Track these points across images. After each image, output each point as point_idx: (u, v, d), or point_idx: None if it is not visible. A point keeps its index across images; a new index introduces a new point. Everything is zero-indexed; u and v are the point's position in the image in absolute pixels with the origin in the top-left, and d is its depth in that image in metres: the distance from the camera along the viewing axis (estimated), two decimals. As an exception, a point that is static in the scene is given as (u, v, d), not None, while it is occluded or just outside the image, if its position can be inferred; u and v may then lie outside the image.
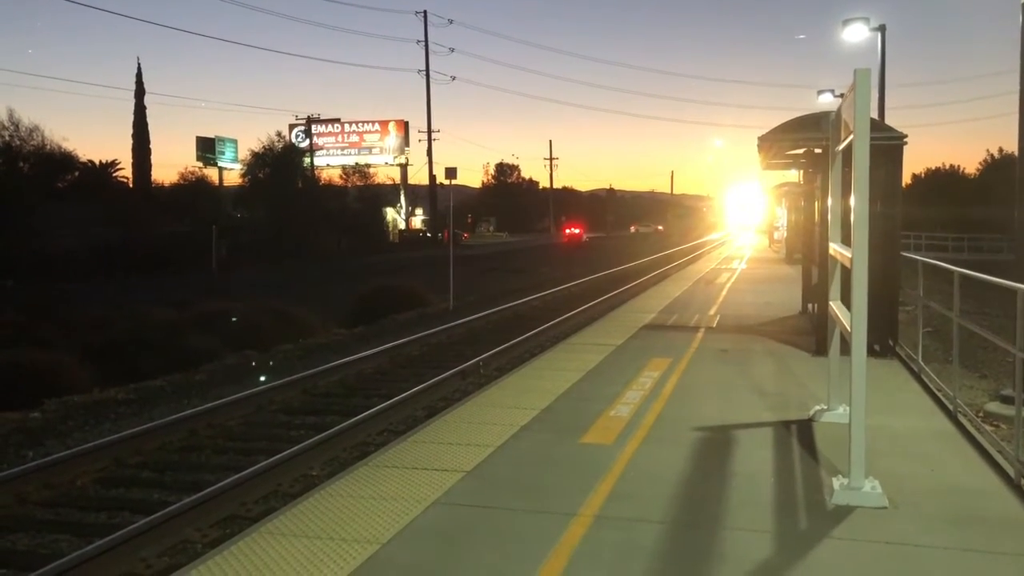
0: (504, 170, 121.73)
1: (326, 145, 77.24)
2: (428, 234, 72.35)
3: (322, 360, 14.32)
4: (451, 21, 78.93)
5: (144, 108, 65.53)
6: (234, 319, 18.83)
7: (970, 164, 74.37)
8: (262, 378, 13.17)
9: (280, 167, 59.15)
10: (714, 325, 13.80)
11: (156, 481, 8.12)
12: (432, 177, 72.13)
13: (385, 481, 5.73)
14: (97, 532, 6.64)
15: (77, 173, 53.00)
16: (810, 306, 13.55)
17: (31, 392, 11.68)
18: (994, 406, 10.22)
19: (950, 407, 7.56)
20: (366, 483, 5.71)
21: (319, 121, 76.02)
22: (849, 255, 5.46)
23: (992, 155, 68.67)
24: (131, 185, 63.08)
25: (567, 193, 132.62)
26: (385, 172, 77.45)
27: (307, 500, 5.42)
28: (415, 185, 78.99)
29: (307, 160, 64.91)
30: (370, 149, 78.29)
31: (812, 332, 11.33)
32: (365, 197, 67.35)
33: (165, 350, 15.15)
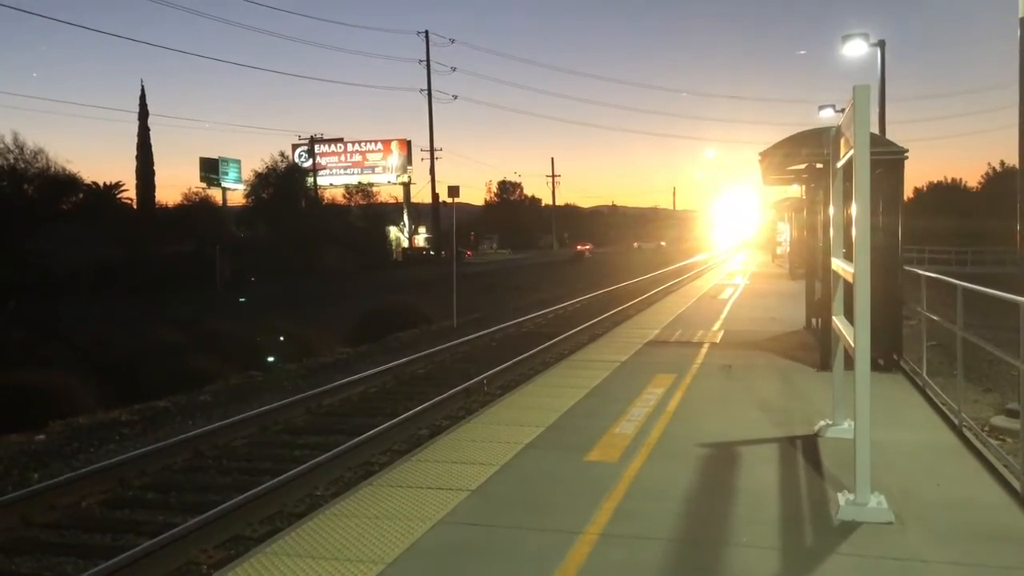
0: (506, 188, 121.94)
1: (329, 164, 77.50)
2: (431, 252, 72.48)
3: (326, 379, 14.32)
4: (452, 41, 79.13)
5: (148, 129, 65.62)
6: (239, 338, 18.85)
7: (972, 177, 74.28)
8: (266, 398, 13.16)
9: (283, 187, 59.36)
10: (718, 341, 13.78)
11: (161, 502, 8.12)
12: (435, 195, 72.33)
13: (390, 500, 5.73)
14: (102, 554, 6.64)
15: (81, 195, 53.03)
16: (814, 321, 13.54)
17: (36, 414, 11.69)
18: (999, 420, 10.20)
19: (955, 421, 7.54)
20: (371, 503, 5.70)
21: (322, 141, 76.32)
22: (851, 270, 5.48)
23: (994, 168, 68.82)
24: (135, 206, 63.18)
25: (569, 210, 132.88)
26: (388, 191, 77.84)
27: (312, 520, 5.42)
28: (418, 203, 79.22)
29: (310, 180, 65.12)
30: (373, 168, 78.52)
31: (816, 347, 11.32)
32: (368, 216, 67.50)
33: (169, 370, 15.17)
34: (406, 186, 78.40)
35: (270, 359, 17.13)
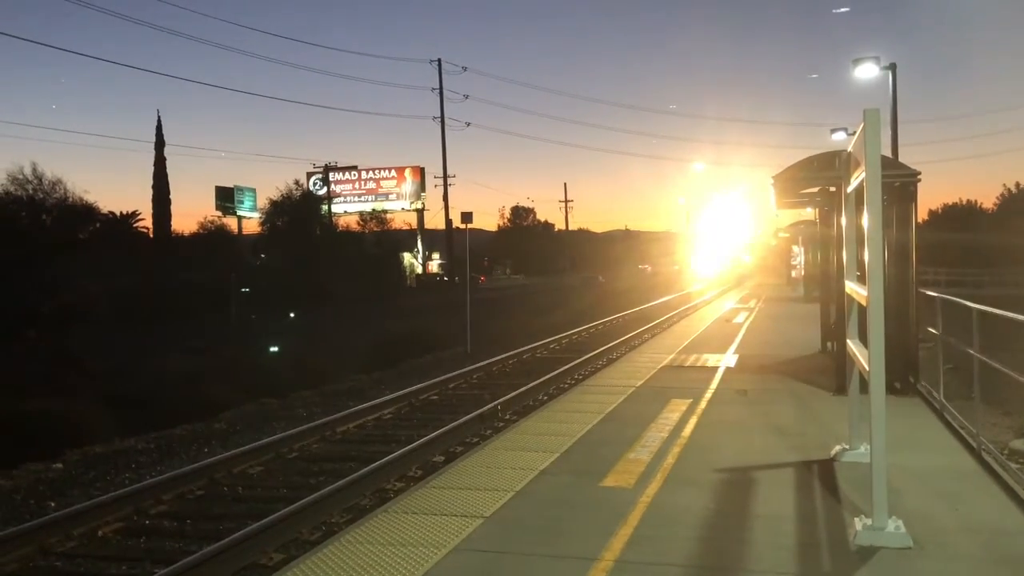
0: (520, 213, 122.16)
1: (343, 192, 78.05)
2: (445, 278, 72.62)
3: (341, 406, 14.34)
4: (465, 69, 79.80)
5: (164, 159, 66.52)
6: (253, 366, 18.93)
7: (988, 199, 74.02)
8: (281, 425, 13.19)
9: (298, 215, 59.78)
10: (733, 365, 13.73)
11: (177, 530, 8.13)
12: (448, 222, 72.59)
13: (404, 527, 5.72)
14: (118, 583, 6.65)
15: (98, 224, 53.60)
16: (830, 344, 13.47)
17: (53, 443, 11.76)
18: (1019, 443, 10.09)
19: (973, 444, 7.47)
20: (385, 529, 5.69)
21: (336, 169, 76.89)
22: (865, 293, 5.46)
23: (1009, 189, 68.48)
24: (151, 235, 63.83)
25: (583, 235, 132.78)
26: (402, 217, 78.26)
27: (327, 548, 5.42)
28: (432, 230, 79.51)
29: (325, 207, 65.56)
30: (387, 195, 78.98)
31: (832, 371, 11.24)
32: (382, 243, 67.81)
33: (185, 398, 15.24)
34: (420, 212, 78.80)
35: (284, 386, 17.15)
